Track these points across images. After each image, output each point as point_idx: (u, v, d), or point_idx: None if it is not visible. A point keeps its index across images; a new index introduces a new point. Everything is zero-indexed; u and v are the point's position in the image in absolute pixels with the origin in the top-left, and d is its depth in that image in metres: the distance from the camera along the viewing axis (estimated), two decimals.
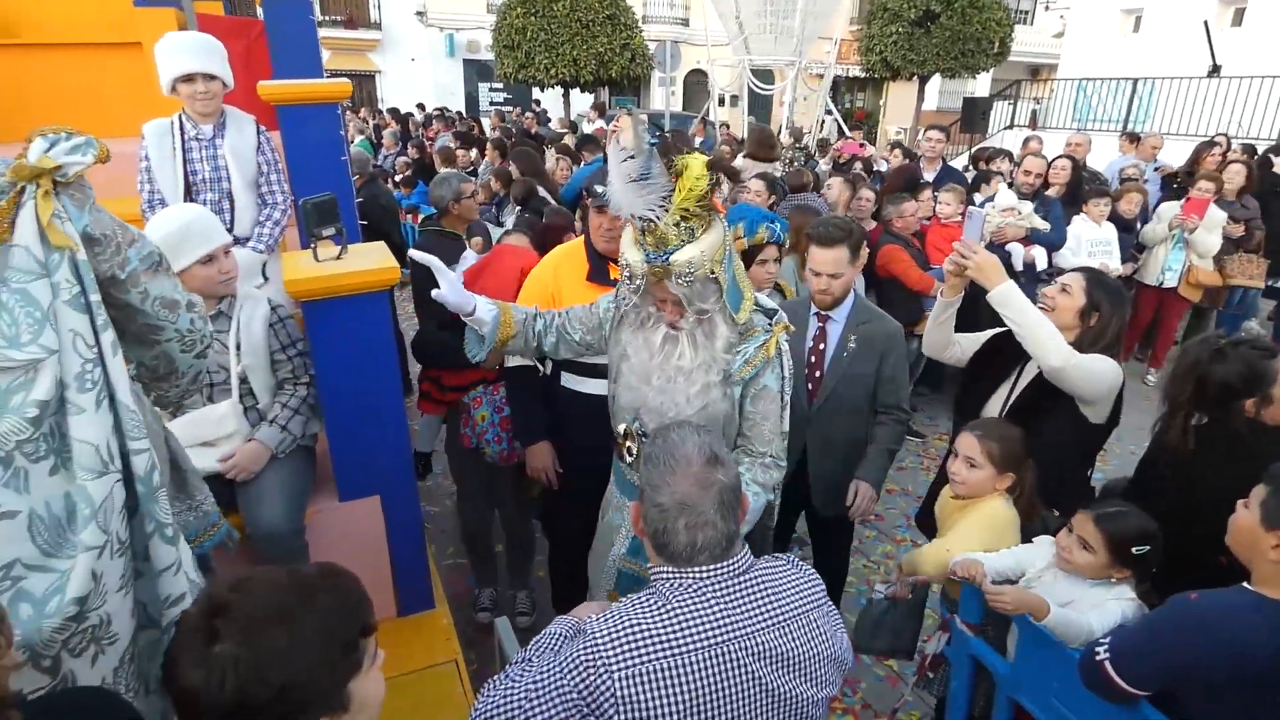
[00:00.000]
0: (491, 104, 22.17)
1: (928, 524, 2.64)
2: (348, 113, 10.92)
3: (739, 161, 6.83)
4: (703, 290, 1.87)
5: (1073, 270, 2.55)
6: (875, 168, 7.56)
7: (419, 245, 4.12)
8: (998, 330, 2.54)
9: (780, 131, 11.23)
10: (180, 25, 4.09)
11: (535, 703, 1.28)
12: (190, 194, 2.91)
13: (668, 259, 1.79)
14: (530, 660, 1.44)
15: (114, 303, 1.45)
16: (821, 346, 2.67)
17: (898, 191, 5.19)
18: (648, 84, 21.52)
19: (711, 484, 1.35)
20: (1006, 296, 2.29)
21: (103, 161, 1.38)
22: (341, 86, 3.13)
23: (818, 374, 2.71)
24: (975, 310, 2.69)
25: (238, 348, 2.38)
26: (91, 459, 1.36)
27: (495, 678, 1.41)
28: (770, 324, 2.05)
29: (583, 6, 15.75)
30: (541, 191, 6.00)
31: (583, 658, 1.27)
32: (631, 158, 1.77)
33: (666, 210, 1.78)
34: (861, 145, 8.18)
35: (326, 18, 21.06)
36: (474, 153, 8.55)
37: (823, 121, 13.22)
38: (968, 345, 2.62)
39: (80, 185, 1.38)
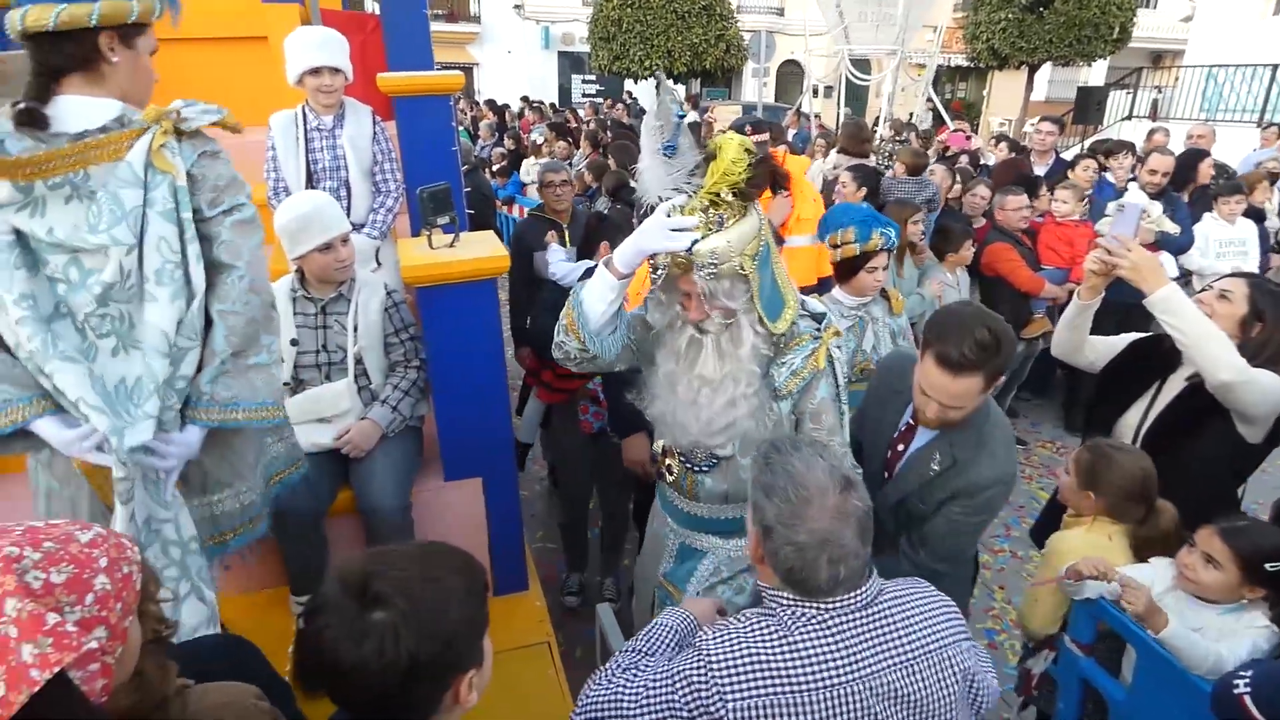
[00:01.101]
0: (584, 95, 22.39)
1: (1044, 541, 2.51)
2: None
3: (831, 156, 6.67)
4: (730, 288, 1.70)
5: (1232, 275, 2.30)
6: (982, 161, 7.24)
7: (520, 229, 4.20)
8: (1139, 336, 2.36)
9: (880, 123, 10.91)
10: (304, 20, 4.30)
11: (644, 707, 1.28)
12: (311, 182, 3.05)
13: (691, 247, 1.63)
14: (640, 652, 1.44)
15: (201, 232, 1.74)
16: (902, 447, 2.10)
17: (1007, 186, 4.96)
18: (740, 75, 21.27)
19: (850, 513, 1.26)
20: (1170, 302, 2.07)
21: (231, 129, 1.78)
22: (454, 79, 3.22)
23: (892, 467, 2.15)
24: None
25: (355, 330, 2.48)
26: (159, 341, 1.66)
27: (603, 670, 1.41)
28: (819, 330, 1.88)
29: None
30: (633, 183, 6.02)
31: (696, 676, 1.25)
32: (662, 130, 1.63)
33: (693, 193, 1.65)
34: (968, 138, 7.84)
35: (429, 12, 21.69)
36: (561, 144, 8.66)
37: (922, 115, 12.76)
38: (1103, 350, 2.41)
39: (203, 138, 1.74)
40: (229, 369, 1.76)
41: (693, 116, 11.89)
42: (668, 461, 2.01)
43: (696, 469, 1.96)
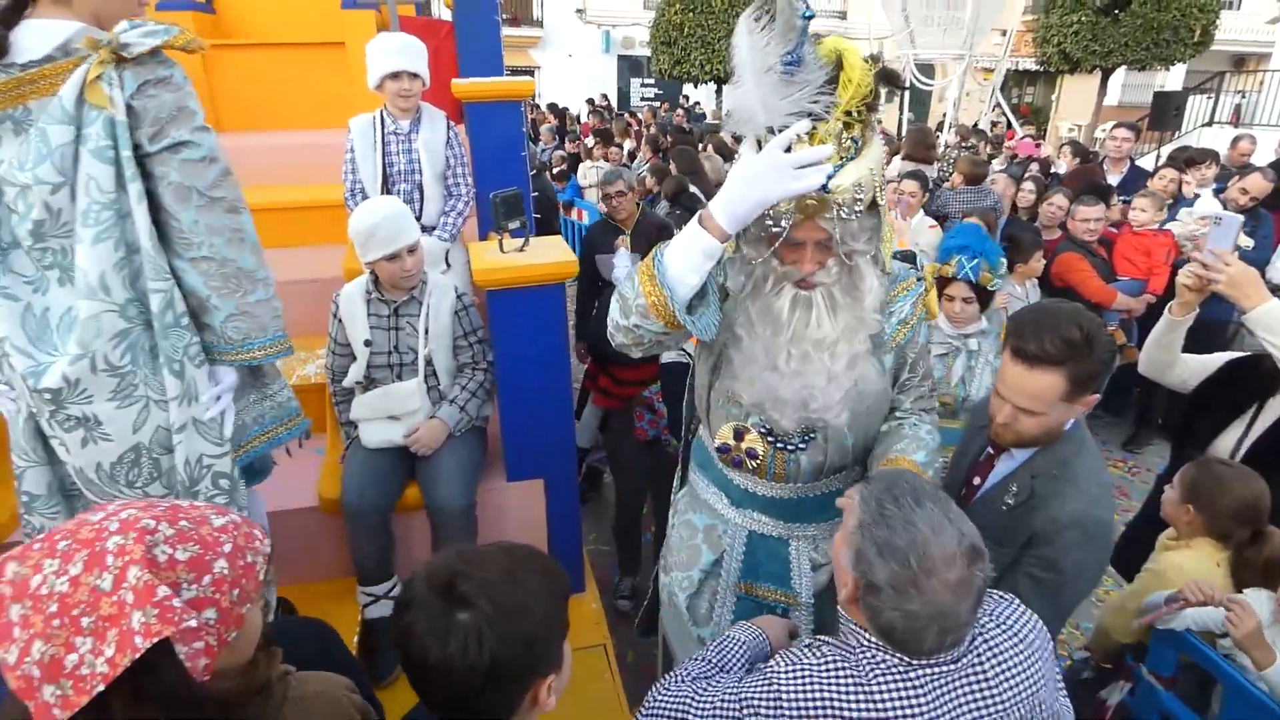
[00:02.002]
0: (642, 99, 22.47)
1: (1126, 566, 2.43)
2: None
3: (895, 162, 6.56)
4: (858, 227, 1.46)
5: None
6: (1052, 169, 7.02)
7: (590, 234, 4.24)
8: (1236, 355, 2.26)
9: (945, 129, 10.68)
10: (381, 26, 4.43)
11: None
12: (386, 184, 3.13)
13: (827, 184, 1.36)
14: (712, 664, 1.43)
15: (145, 171, 1.63)
16: (978, 481, 1.84)
17: (1081, 195, 4.80)
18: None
19: (972, 586, 1.12)
20: (1272, 318, 1.99)
21: (185, 49, 1.62)
22: (525, 85, 3.27)
23: (968, 503, 1.89)
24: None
25: (425, 332, 2.54)
26: (83, 284, 1.60)
27: (674, 676, 1.40)
28: (916, 271, 1.72)
29: (742, 1, 15.64)
30: (693, 189, 6.02)
31: (765, 709, 1.19)
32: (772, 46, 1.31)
33: (825, 114, 1.35)
34: (1038, 144, 7.60)
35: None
36: (612, 149, 8.70)
37: (990, 121, 12.45)
38: (1195, 369, 2.30)
39: (150, 65, 1.58)
40: (235, 310, 1.76)
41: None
42: (746, 446, 1.73)
43: (789, 447, 1.70)
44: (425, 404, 2.54)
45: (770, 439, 1.70)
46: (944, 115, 16.72)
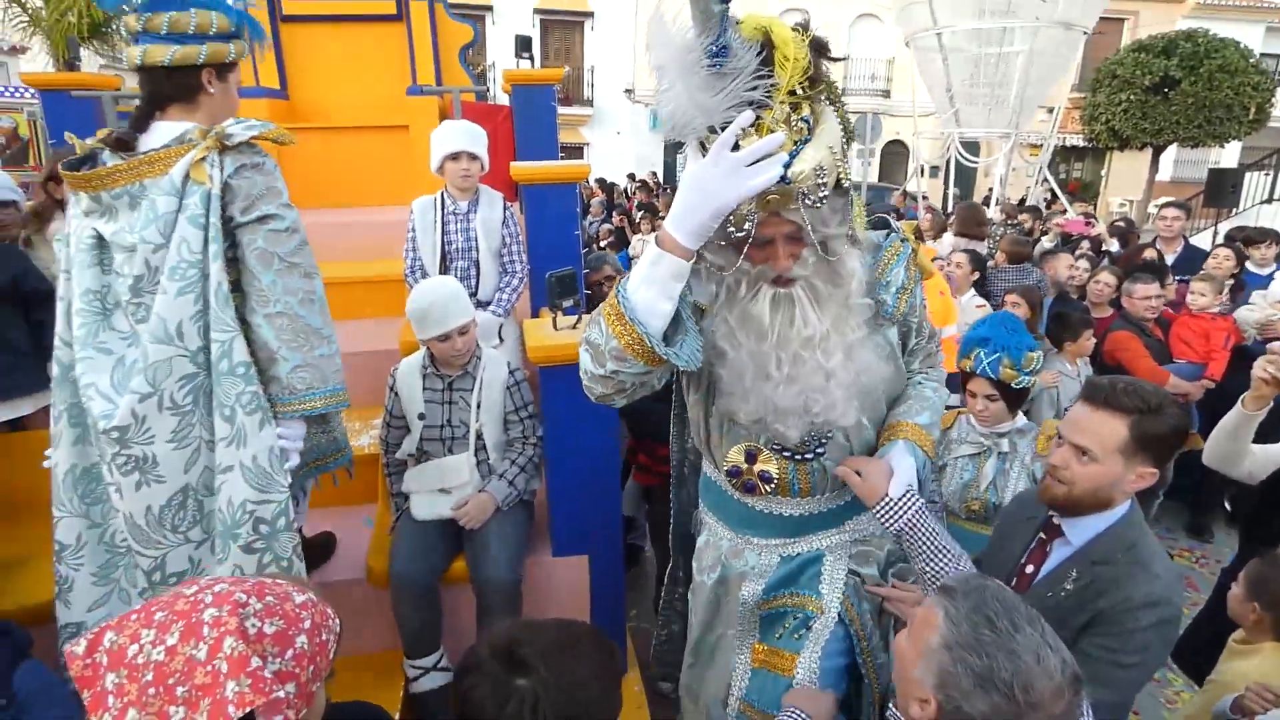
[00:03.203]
0: None
1: (1190, 662, 2.31)
2: None
3: (945, 238, 6.57)
4: (828, 211, 1.35)
5: None
6: (1105, 247, 6.96)
7: None
8: None
9: (991, 204, 10.70)
10: (443, 109, 4.68)
11: None
12: (445, 261, 3.26)
13: (786, 173, 1.26)
14: None
15: (234, 240, 1.91)
16: (1032, 569, 1.71)
17: (1136, 273, 4.74)
18: (844, 156, 21.40)
19: (1074, 716, 1.06)
20: None
21: (277, 141, 1.94)
22: (580, 169, 3.41)
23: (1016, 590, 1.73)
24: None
25: (478, 406, 2.60)
26: (159, 329, 1.84)
27: None
28: (897, 234, 1.61)
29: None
30: None
31: None
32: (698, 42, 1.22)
33: (766, 99, 1.25)
34: (1089, 222, 7.54)
35: None
36: (659, 221, 8.89)
37: (1042, 198, 12.43)
38: (1264, 461, 2.22)
39: (248, 152, 1.89)
40: (301, 362, 1.96)
41: None
42: (759, 469, 1.61)
43: (806, 458, 1.60)
44: (475, 477, 2.58)
45: (785, 454, 1.60)
46: (989, 190, 16.76)
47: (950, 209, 10.55)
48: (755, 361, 1.45)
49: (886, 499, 1.54)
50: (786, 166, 1.26)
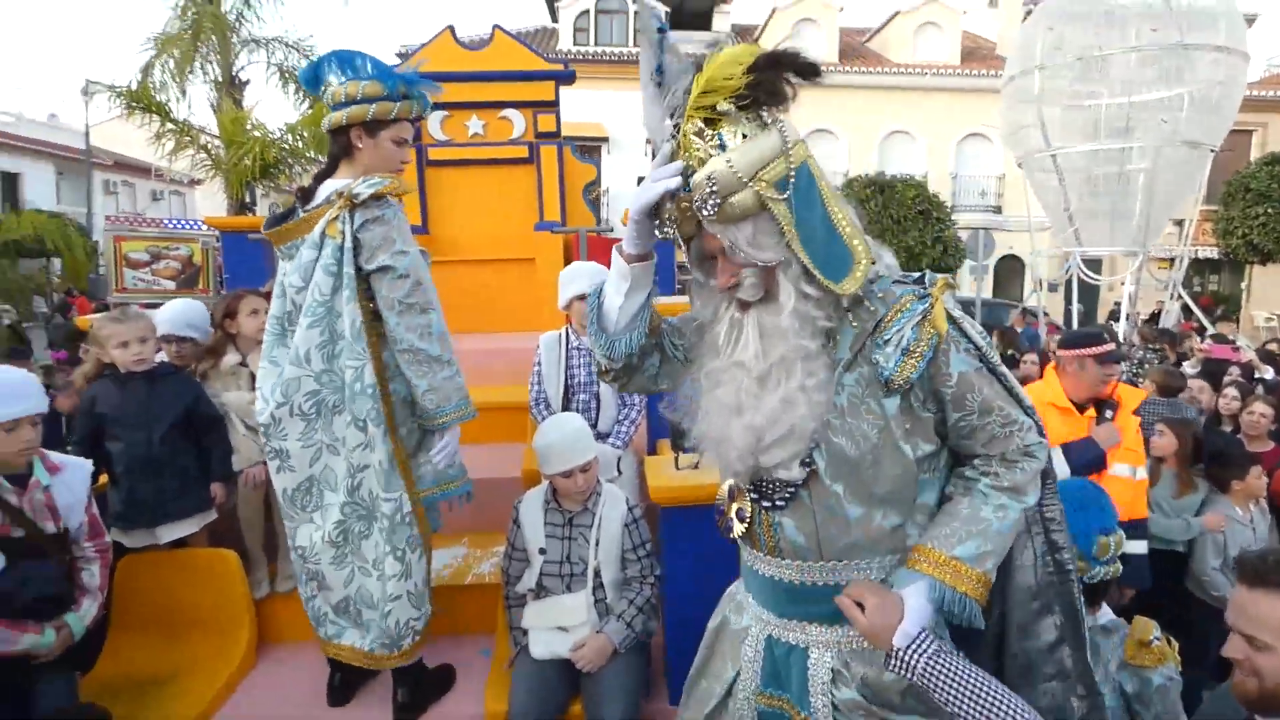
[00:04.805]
0: None
1: None
2: None
3: None
4: (754, 234, 1.33)
5: None
6: (1258, 374, 6.43)
7: None
8: None
9: (1122, 322, 10.17)
10: (566, 244, 4.99)
11: None
12: (568, 394, 3.38)
13: (688, 184, 1.32)
14: None
15: (369, 284, 2.29)
16: None
17: None
18: (952, 271, 21.09)
19: None
20: None
21: (395, 193, 2.29)
22: (686, 305, 3.50)
23: None
24: None
25: (596, 544, 2.62)
26: (293, 354, 2.30)
27: None
28: (925, 290, 1.41)
29: (895, 203, 16.19)
30: None
31: None
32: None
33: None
34: (1236, 348, 7.01)
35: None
36: None
37: (1169, 314, 11.73)
38: None
39: (373, 207, 2.24)
40: (427, 387, 2.33)
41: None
42: (737, 506, 1.56)
43: (770, 504, 1.49)
44: (592, 617, 2.57)
45: (752, 491, 1.51)
46: (1114, 304, 15.95)
47: (1075, 327, 10.08)
48: (711, 379, 1.46)
49: (894, 650, 1.34)
50: (688, 177, 1.33)
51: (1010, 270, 22.84)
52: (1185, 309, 12.25)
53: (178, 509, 2.90)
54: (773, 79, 1.30)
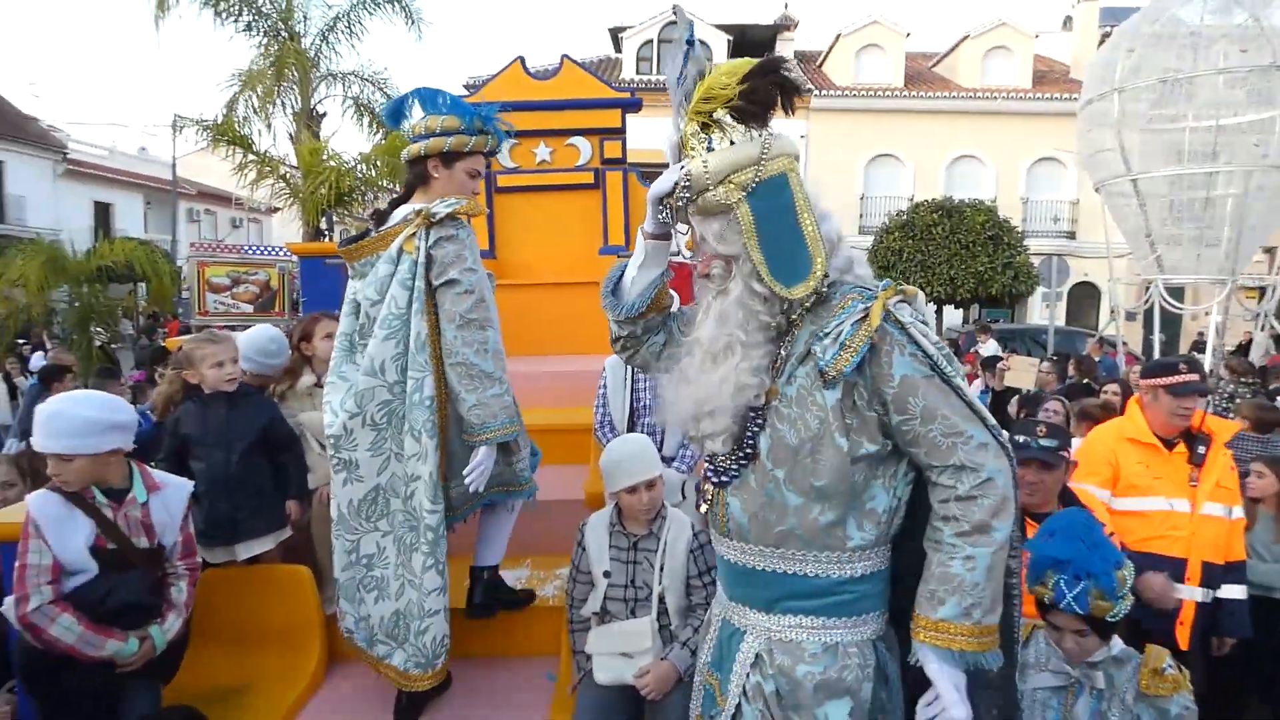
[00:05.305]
0: None
1: None
2: None
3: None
4: (721, 230, 1.51)
5: None
6: None
7: None
8: None
9: (1209, 355, 9.67)
10: None
11: None
12: (633, 418, 3.37)
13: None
14: None
15: (436, 299, 2.40)
16: None
17: None
18: (1024, 298, 20.47)
19: None
20: None
21: (469, 214, 2.41)
22: None
23: None
24: None
25: (661, 568, 2.58)
26: (368, 365, 2.40)
27: None
28: (865, 288, 1.53)
29: (963, 229, 15.82)
30: None
31: None
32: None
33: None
34: None
35: None
36: None
37: (1261, 347, 11.09)
38: None
39: (447, 226, 2.37)
40: (475, 402, 2.40)
41: (993, 344, 11.42)
42: (707, 484, 1.68)
43: (718, 481, 1.62)
44: (656, 643, 2.52)
45: (709, 470, 1.64)
46: (1198, 335, 15.19)
47: (1158, 357, 9.62)
48: (688, 349, 1.62)
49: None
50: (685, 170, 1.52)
51: (1085, 297, 22.05)
52: (1277, 340, 11.57)
53: (255, 526, 2.99)
54: (763, 87, 1.45)
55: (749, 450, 1.55)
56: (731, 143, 1.48)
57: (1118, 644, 2.16)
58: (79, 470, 2.31)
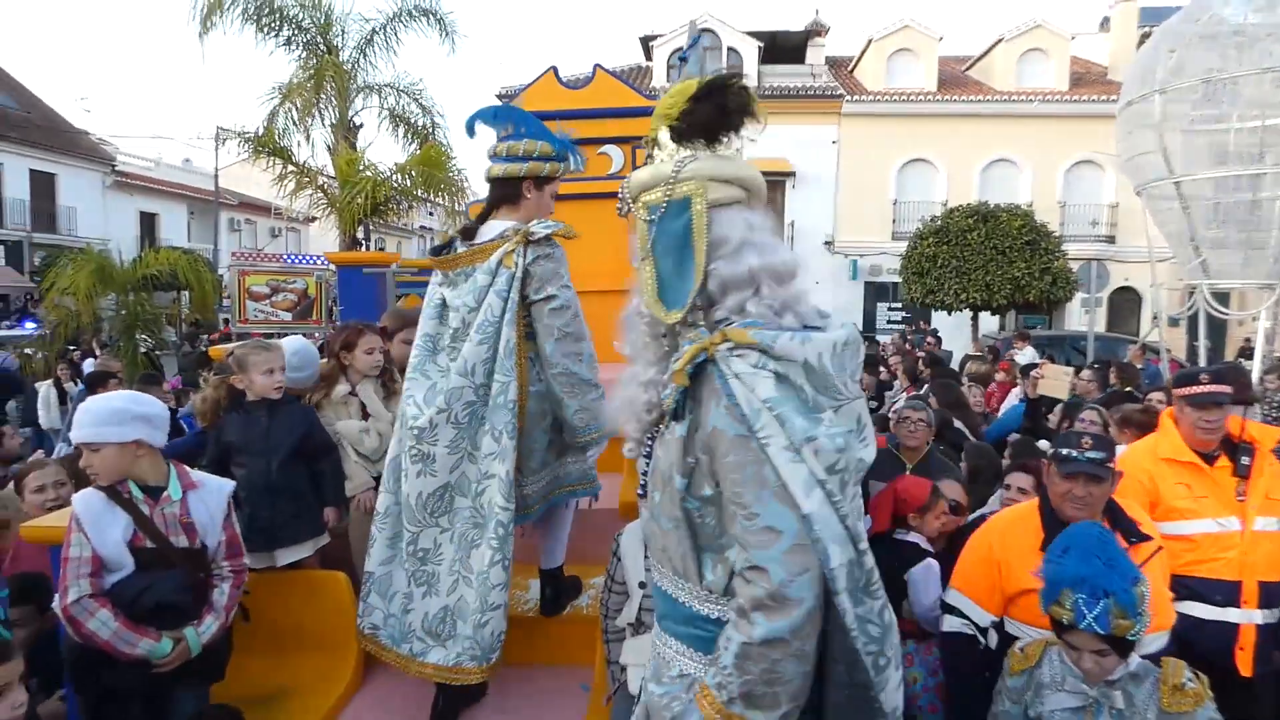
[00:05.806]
0: (889, 323, 22.56)
1: None
2: None
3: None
4: (638, 241, 1.57)
5: None
6: None
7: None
8: None
9: (1258, 363, 9.37)
10: None
11: None
12: None
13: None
14: None
15: (532, 313, 2.54)
16: None
17: None
18: (1063, 303, 20.06)
19: None
20: None
21: (565, 236, 2.54)
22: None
23: None
24: None
25: None
26: (461, 366, 2.52)
27: None
28: (712, 325, 1.49)
29: (999, 234, 15.54)
30: (957, 423, 5.75)
31: None
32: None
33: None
34: None
35: None
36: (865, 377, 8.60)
37: None
38: None
39: (544, 245, 2.51)
40: (579, 407, 2.59)
41: (1030, 352, 11.20)
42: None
43: (641, 490, 1.64)
44: None
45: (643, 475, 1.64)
46: (1244, 341, 14.74)
47: (1201, 363, 9.36)
48: None
49: None
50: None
51: (1125, 303, 21.57)
52: None
53: (295, 533, 3.04)
54: (701, 110, 1.48)
55: (646, 468, 1.59)
56: (660, 160, 1.53)
57: (1135, 660, 2.10)
58: (106, 460, 2.35)
